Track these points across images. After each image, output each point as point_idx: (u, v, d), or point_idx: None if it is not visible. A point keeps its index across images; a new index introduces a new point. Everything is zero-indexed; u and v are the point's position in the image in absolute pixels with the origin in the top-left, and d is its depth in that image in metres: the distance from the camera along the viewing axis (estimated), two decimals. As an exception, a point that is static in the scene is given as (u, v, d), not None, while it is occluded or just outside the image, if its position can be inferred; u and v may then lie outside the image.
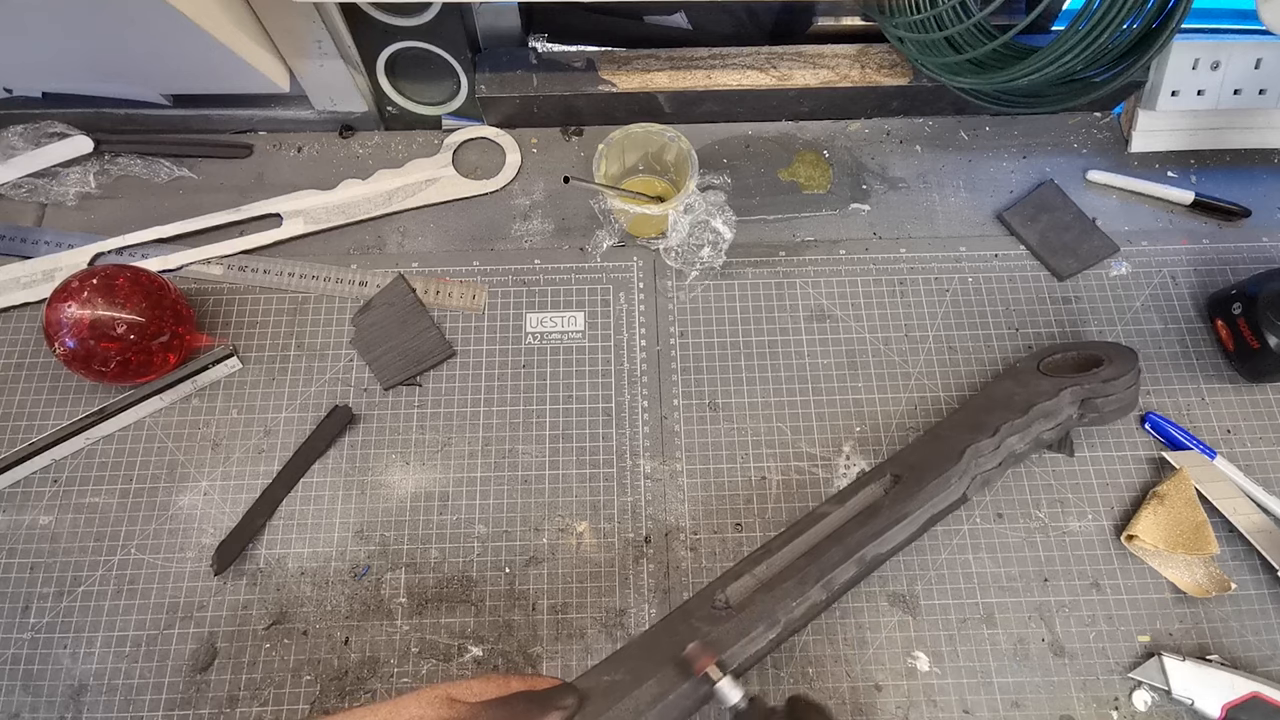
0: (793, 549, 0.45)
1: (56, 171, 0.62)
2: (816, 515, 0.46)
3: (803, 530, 0.46)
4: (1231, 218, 0.63)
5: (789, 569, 0.43)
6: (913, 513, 0.45)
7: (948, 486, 0.46)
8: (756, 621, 0.41)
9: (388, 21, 0.57)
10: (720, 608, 0.42)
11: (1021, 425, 0.48)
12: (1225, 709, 0.47)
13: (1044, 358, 0.55)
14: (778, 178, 0.65)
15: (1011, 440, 0.48)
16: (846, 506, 0.46)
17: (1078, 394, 0.49)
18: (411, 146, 0.65)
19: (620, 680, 0.38)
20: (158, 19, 0.50)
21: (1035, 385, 0.51)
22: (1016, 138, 0.67)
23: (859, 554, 0.43)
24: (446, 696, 0.35)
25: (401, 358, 0.57)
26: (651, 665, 0.39)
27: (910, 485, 0.46)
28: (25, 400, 0.56)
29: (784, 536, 0.45)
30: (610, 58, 0.64)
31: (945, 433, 0.50)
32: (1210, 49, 0.60)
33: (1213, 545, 0.50)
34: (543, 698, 0.36)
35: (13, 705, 0.49)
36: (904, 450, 0.51)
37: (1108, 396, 0.49)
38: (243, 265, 0.60)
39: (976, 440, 0.47)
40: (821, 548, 0.44)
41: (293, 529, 0.53)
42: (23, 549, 0.52)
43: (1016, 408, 0.49)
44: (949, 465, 0.46)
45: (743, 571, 0.44)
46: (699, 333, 0.59)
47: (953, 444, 0.47)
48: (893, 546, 0.45)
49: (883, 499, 0.46)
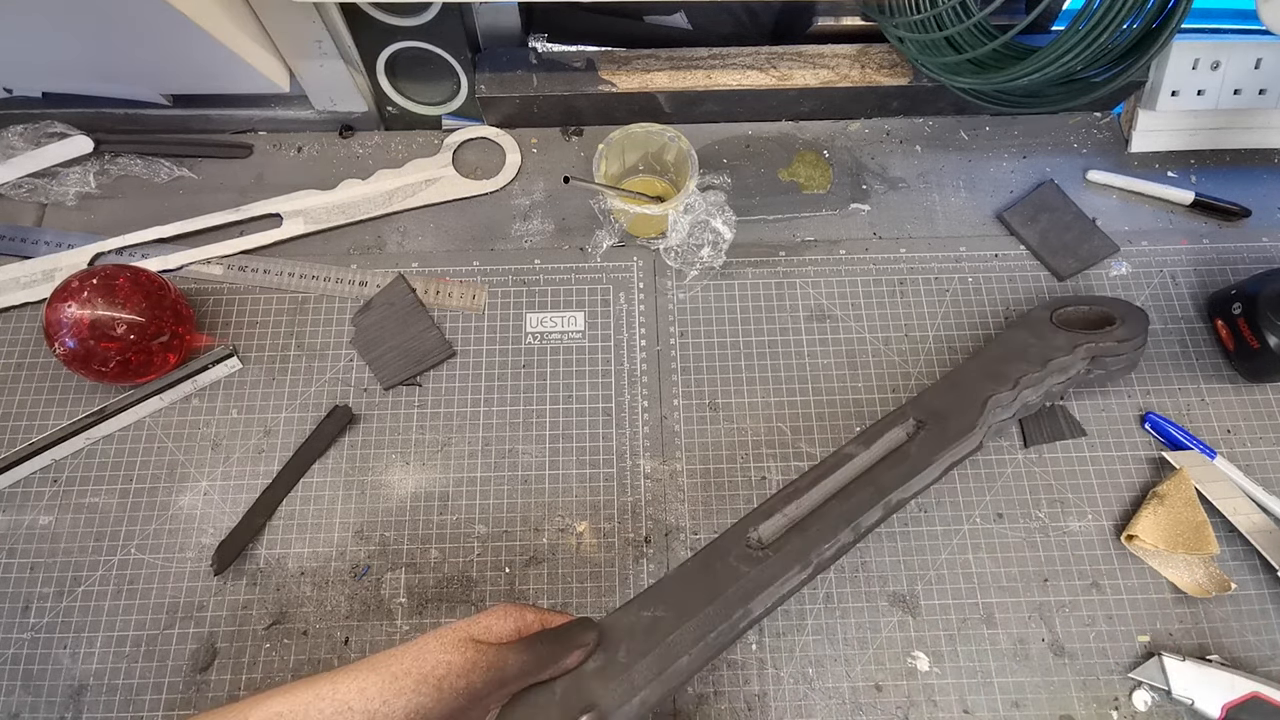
0: (821, 490, 0.45)
1: (56, 171, 0.62)
2: (842, 456, 0.47)
3: (830, 471, 0.46)
4: (1231, 218, 0.63)
5: (820, 510, 0.44)
6: (937, 460, 0.46)
7: (969, 437, 0.47)
8: (791, 562, 0.42)
9: (388, 21, 0.57)
10: (755, 547, 0.43)
11: (1037, 379, 0.49)
12: (1225, 709, 0.47)
13: (1056, 309, 0.56)
14: (778, 178, 0.65)
15: (1027, 393, 0.49)
16: (872, 450, 0.47)
17: (1090, 351, 0.51)
18: (411, 146, 0.65)
19: (662, 618, 0.39)
20: (158, 19, 0.50)
21: (1051, 339, 0.52)
22: (1016, 138, 0.67)
23: (886, 498, 0.44)
24: (468, 638, 0.35)
25: (401, 358, 0.57)
26: (691, 603, 0.40)
27: (935, 433, 0.47)
28: (25, 400, 0.56)
29: (811, 476, 0.46)
30: (610, 58, 0.64)
31: (965, 381, 0.51)
32: (1210, 49, 0.60)
33: (1213, 545, 0.50)
34: (564, 635, 0.37)
35: (13, 705, 0.49)
36: (924, 394, 0.51)
37: (1117, 356, 0.51)
38: (243, 265, 0.60)
39: (997, 392, 0.48)
40: (851, 490, 0.45)
41: (293, 529, 0.53)
42: (23, 549, 0.52)
43: (1034, 360, 0.50)
44: (972, 415, 0.47)
45: (773, 510, 0.44)
46: (699, 333, 0.59)
47: (974, 393, 0.49)
48: (917, 490, 0.46)
49: (909, 444, 0.47)
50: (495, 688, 0.34)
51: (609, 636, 0.38)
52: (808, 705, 0.49)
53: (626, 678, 0.37)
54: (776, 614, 0.51)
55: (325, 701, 0.32)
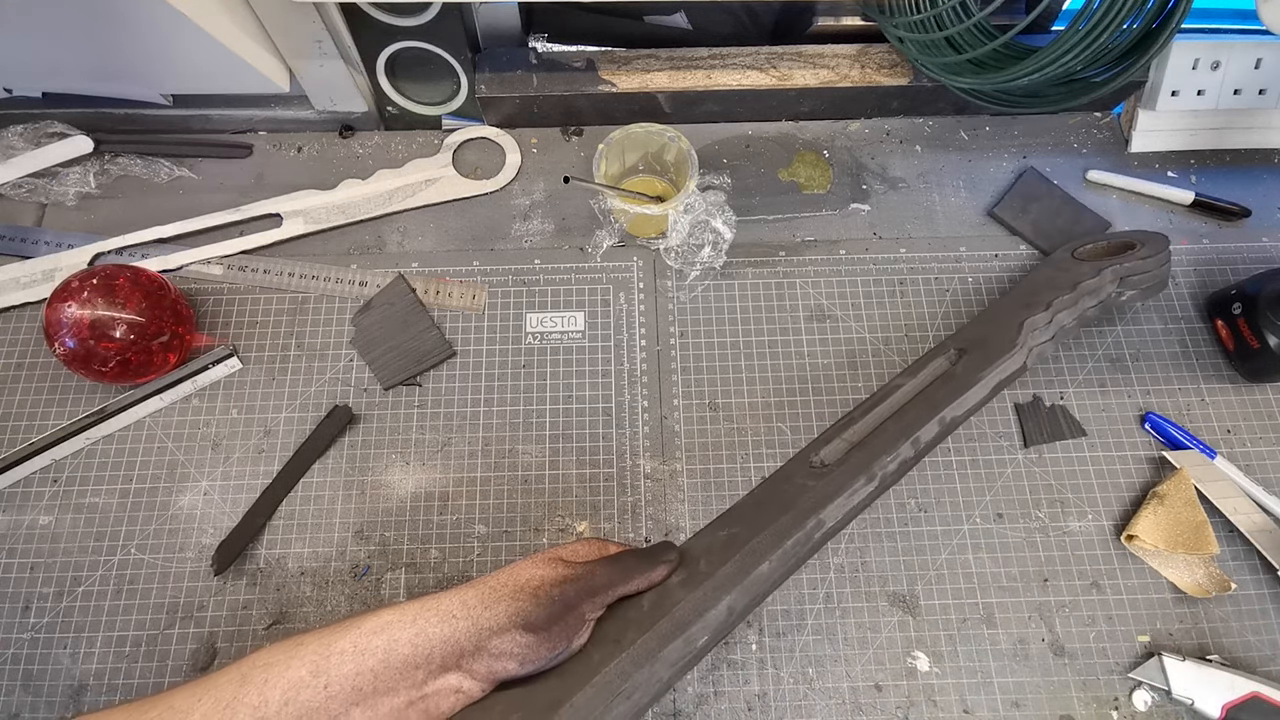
0: (877, 414, 0.46)
1: (56, 171, 0.62)
2: (892, 386, 0.48)
3: (882, 399, 0.47)
4: (1231, 218, 0.63)
5: (878, 430, 0.45)
6: (984, 377, 0.47)
7: (1010, 356, 0.48)
8: (856, 476, 0.42)
9: (388, 21, 0.57)
10: (819, 467, 0.44)
11: (1070, 301, 0.51)
12: (1225, 709, 0.47)
13: (1076, 248, 0.58)
14: (778, 178, 0.65)
15: (1062, 316, 0.51)
16: (919, 378, 0.49)
17: (1117, 272, 0.52)
18: (411, 146, 0.65)
19: (737, 533, 0.40)
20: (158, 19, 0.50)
21: (1076, 269, 0.54)
22: (1016, 138, 0.67)
23: (940, 414, 0.45)
24: (558, 558, 0.37)
25: (401, 358, 0.57)
26: (765, 517, 0.40)
27: (977, 356, 0.48)
28: (25, 400, 0.56)
29: (864, 405, 0.47)
30: (610, 58, 0.64)
31: (999, 312, 0.53)
32: (1210, 49, 0.60)
33: (1213, 545, 0.50)
34: (648, 553, 0.39)
35: (13, 705, 0.49)
36: (963, 328, 0.53)
37: (1144, 273, 0.53)
38: (243, 265, 0.60)
39: (1032, 315, 0.50)
40: (905, 410, 0.46)
41: (293, 529, 0.53)
42: (23, 549, 0.52)
43: (1064, 286, 0.52)
44: (1010, 338, 0.49)
45: (832, 437, 0.46)
46: (699, 333, 0.59)
47: (1010, 319, 0.50)
48: (968, 409, 0.47)
49: (954, 368, 0.48)
50: (587, 596, 0.36)
51: (690, 555, 0.39)
52: (808, 705, 0.49)
53: (710, 584, 0.37)
54: (776, 614, 0.51)
55: (430, 611, 0.34)
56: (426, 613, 0.34)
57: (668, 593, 0.37)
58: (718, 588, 0.37)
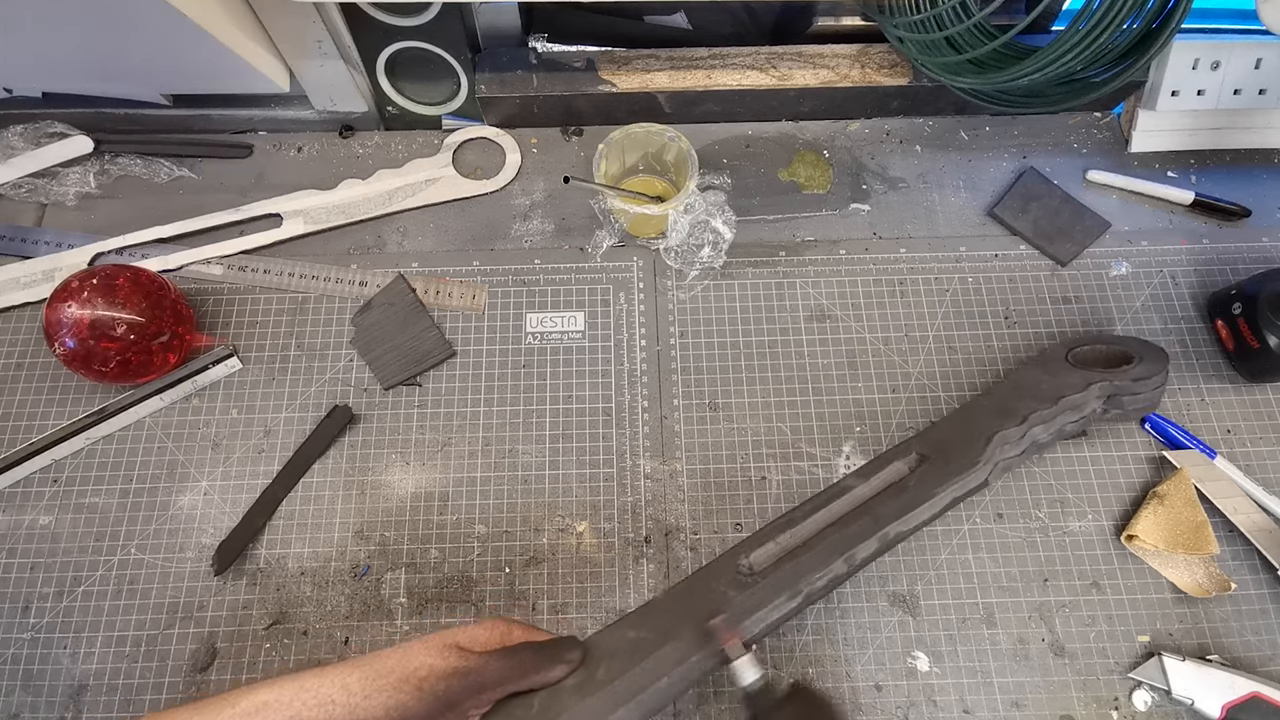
0: (816, 520, 0.45)
1: (56, 171, 0.62)
2: (841, 488, 0.46)
3: (827, 502, 0.45)
4: (1231, 218, 0.63)
5: (813, 539, 0.43)
6: (938, 494, 0.45)
7: (973, 471, 0.46)
8: (780, 590, 0.41)
9: (388, 21, 0.57)
10: (745, 574, 0.42)
11: (1049, 415, 0.48)
12: (1225, 709, 0.47)
13: (1073, 348, 0.55)
14: (778, 178, 0.65)
15: (1037, 430, 0.48)
16: (871, 482, 0.46)
17: (1106, 389, 0.50)
18: (411, 146, 0.65)
19: (645, 638, 0.39)
20: (158, 19, 0.50)
21: (1064, 376, 0.50)
22: (1016, 138, 0.67)
23: (883, 530, 0.43)
24: (454, 645, 0.36)
25: (401, 358, 0.57)
26: (675, 626, 0.39)
27: (937, 466, 0.46)
28: (25, 400, 0.56)
29: (807, 507, 0.45)
30: (610, 58, 0.64)
31: (972, 416, 0.50)
32: (1210, 49, 0.60)
33: (1213, 545, 0.50)
34: (549, 649, 0.37)
35: (13, 705, 0.49)
36: (930, 429, 0.50)
37: (1135, 395, 0.49)
38: (243, 265, 0.60)
39: (1004, 428, 0.47)
40: (847, 520, 0.44)
41: (293, 529, 0.53)
42: (23, 549, 0.52)
43: (1045, 397, 0.49)
44: (976, 450, 0.46)
45: (767, 538, 0.44)
46: (699, 333, 0.59)
47: (980, 428, 0.47)
48: (915, 525, 0.45)
49: (909, 477, 0.46)
50: (474, 693, 0.35)
51: (592, 655, 0.38)
52: (808, 705, 0.49)
53: (605, 693, 0.36)
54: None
55: (309, 694, 0.33)
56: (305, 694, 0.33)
57: (560, 696, 0.36)
58: (613, 698, 0.36)
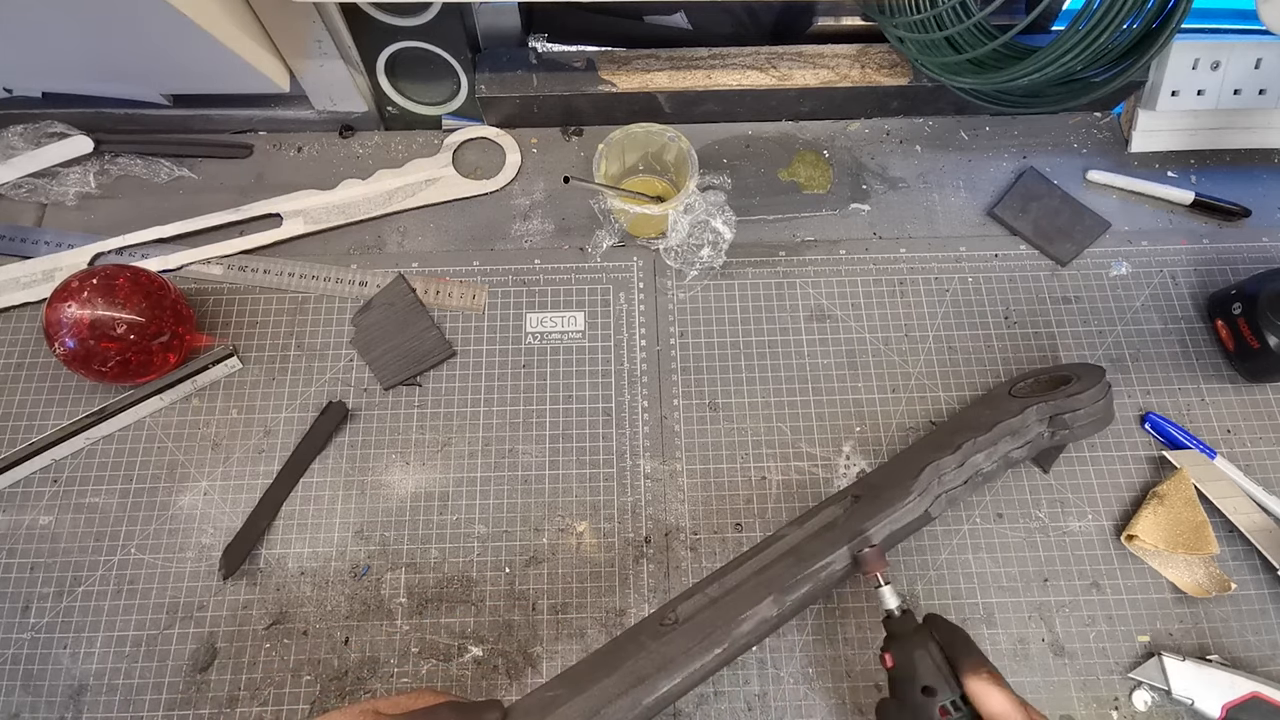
0: (747, 569, 0.44)
1: (56, 171, 0.62)
2: (775, 537, 0.46)
3: (758, 551, 0.46)
4: (1231, 218, 0.63)
5: (739, 585, 0.43)
6: (870, 529, 0.44)
7: (905, 503, 0.45)
8: (701, 636, 0.40)
9: (388, 21, 0.57)
10: (669, 624, 0.42)
11: (985, 443, 0.47)
12: (1225, 709, 0.47)
13: (1016, 383, 0.55)
14: (778, 178, 0.65)
15: (977, 458, 0.47)
16: (805, 527, 0.46)
17: (1044, 411, 0.49)
18: (411, 146, 0.65)
19: (560, 695, 0.38)
20: (158, 19, 0.50)
21: (1004, 407, 0.50)
22: (1016, 138, 0.67)
23: (813, 568, 0.43)
24: (373, 710, 0.36)
25: (401, 358, 0.57)
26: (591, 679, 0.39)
27: (867, 503, 0.45)
28: (25, 400, 0.56)
29: (740, 558, 0.45)
30: (610, 58, 0.64)
31: (910, 455, 0.50)
32: (1210, 49, 0.60)
33: (1213, 545, 0.50)
34: (468, 709, 0.37)
35: (13, 705, 0.49)
36: (869, 474, 0.51)
37: (1075, 412, 0.49)
38: (243, 265, 0.60)
39: (938, 458, 0.46)
40: (774, 564, 0.44)
41: (293, 529, 0.53)
42: (23, 549, 0.52)
43: (982, 427, 0.48)
44: (906, 483, 0.45)
45: (695, 591, 0.44)
46: (699, 333, 0.59)
47: (914, 463, 0.47)
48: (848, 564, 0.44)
49: (840, 517, 0.46)
50: None
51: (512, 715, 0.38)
52: (808, 705, 0.49)
53: None
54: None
55: None
56: None
57: None
58: None
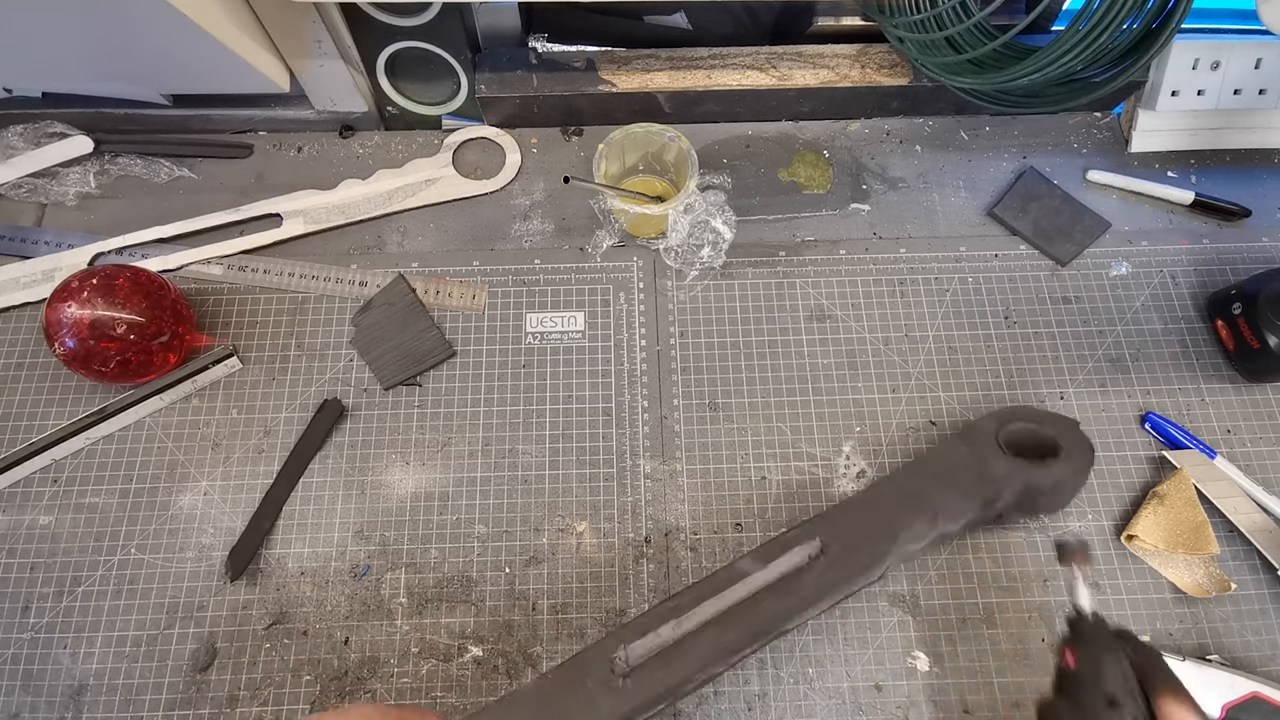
0: (702, 611, 0.43)
1: (56, 171, 0.62)
2: (735, 573, 0.44)
3: (719, 589, 0.44)
4: (1231, 218, 0.63)
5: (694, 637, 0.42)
6: (831, 595, 0.44)
7: (869, 572, 0.44)
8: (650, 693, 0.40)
9: (388, 21, 0.57)
10: (620, 672, 0.41)
11: (958, 513, 0.47)
12: (1225, 709, 0.47)
13: (1005, 423, 0.51)
14: (778, 178, 0.65)
15: (946, 524, 0.47)
16: (768, 569, 0.44)
17: (1015, 491, 0.48)
18: (411, 146, 0.65)
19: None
20: (158, 19, 0.50)
21: (987, 467, 0.48)
22: (1016, 138, 0.67)
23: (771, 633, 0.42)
24: None
25: (401, 358, 0.57)
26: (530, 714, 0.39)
27: (837, 563, 0.44)
28: (25, 400, 0.56)
29: (695, 593, 0.44)
30: (610, 58, 0.64)
31: (884, 500, 0.48)
32: (1210, 49, 0.60)
33: (1213, 545, 0.50)
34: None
35: (13, 705, 0.49)
36: (837, 509, 0.48)
37: (1049, 497, 0.48)
38: (243, 265, 0.60)
39: (913, 524, 0.45)
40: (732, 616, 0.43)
41: (293, 529, 0.53)
42: (23, 549, 0.52)
43: (960, 489, 0.47)
44: (881, 546, 0.44)
45: (648, 628, 0.43)
46: (699, 333, 0.59)
47: (887, 519, 0.46)
48: (799, 622, 0.44)
49: (806, 573, 0.44)
50: None
51: None
52: (808, 705, 0.49)
53: None
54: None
55: None
56: None
57: None
58: None
